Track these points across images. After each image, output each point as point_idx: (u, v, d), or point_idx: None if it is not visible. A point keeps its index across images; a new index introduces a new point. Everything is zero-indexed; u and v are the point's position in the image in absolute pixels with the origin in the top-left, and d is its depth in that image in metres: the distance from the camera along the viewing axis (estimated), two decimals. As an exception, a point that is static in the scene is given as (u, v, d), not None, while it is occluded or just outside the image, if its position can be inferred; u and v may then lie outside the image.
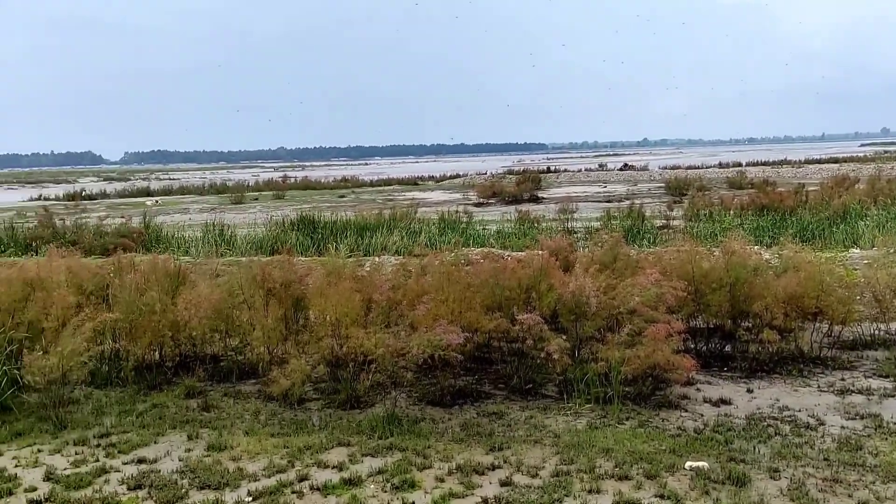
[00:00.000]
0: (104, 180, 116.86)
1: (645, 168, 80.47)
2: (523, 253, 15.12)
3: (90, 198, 64.46)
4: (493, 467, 7.73)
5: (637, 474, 7.43)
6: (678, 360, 9.42)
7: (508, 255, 15.29)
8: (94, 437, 9.04)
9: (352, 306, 10.17)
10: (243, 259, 19.34)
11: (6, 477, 7.94)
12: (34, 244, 25.43)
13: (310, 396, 10.33)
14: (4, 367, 10.28)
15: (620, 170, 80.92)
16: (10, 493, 7.57)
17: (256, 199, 57.57)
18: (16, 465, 8.28)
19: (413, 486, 7.37)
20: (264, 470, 7.85)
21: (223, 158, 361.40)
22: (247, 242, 25.25)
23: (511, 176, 69.00)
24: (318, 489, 7.37)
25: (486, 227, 28.61)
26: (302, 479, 7.60)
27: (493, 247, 21.45)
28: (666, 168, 77.27)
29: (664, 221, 29.80)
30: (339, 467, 7.85)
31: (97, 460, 8.34)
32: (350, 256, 17.76)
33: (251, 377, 11.17)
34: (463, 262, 12.55)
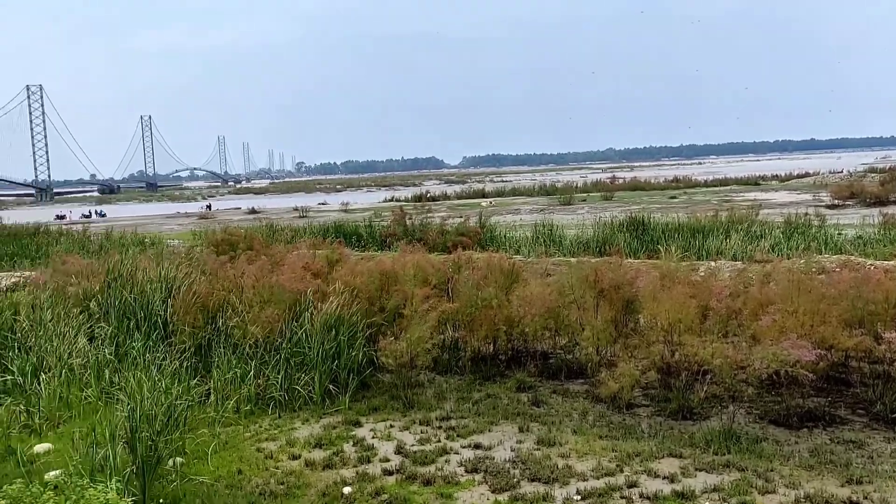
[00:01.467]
0: (445, 183, 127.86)
1: None
2: (891, 262, 13.26)
3: (433, 199, 70.88)
4: (850, 502, 6.91)
5: None
6: None
7: (871, 265, 13.53)
8: (437, 419, 9.93)
9: (686, 312, 9.83)
10: (572, 259, 19.74)
11: (365, 446, 9.10)
12: (388, 240, 28.73)
13: (638, 402, 10.21)
14: (365, 349, 11.79)
15: None
16: (368, 461, 8.66)
17: (584, 199, 58.40)
18: (372, 437, 9.45)
19: (753, 510, 6.89)
20: (593, 471, 7.94)
21: (552, 161, 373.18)
22: (575, 243, 25.73)
23: (873, 174, 60.88)
24: (647, 498, 7.26)
25: (842, 232, 25.64)
26: (631, 485, 7.54)
27: (852, 254, 19.12)
28: None
29: None
30: (671, 479, 7.64)
31: (439, 441, 9.16)
32: (682, 260, 17.15)
33: (579, 377, 11.37)
34: (815, 270, 11.41)
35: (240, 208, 72.91)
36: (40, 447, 9.27)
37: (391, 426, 9.79)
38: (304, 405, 10.69)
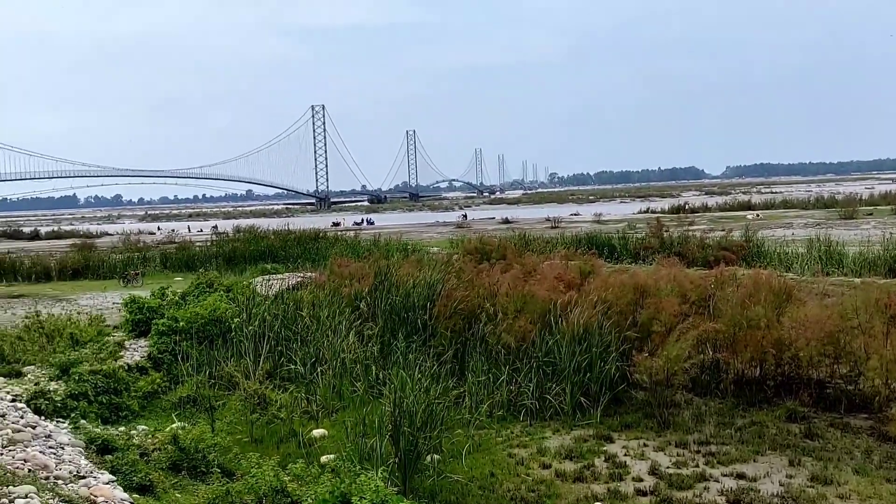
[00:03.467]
0: (705, 194, 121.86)
1: None
2: None
3: (692, 211, 67.90)
4: None
5: None
6: None
7: None
8: (694, 442, 9.48)
9: None
10: (855, 279, 17.86)
11: (617, 463, 8.94)
12: (642, 253, 28.02)
13: (938, 446, 8.94)
14: (617, 363, 11.58)
15: None
16: (620, 479, 8.50)
17: (870, 213, 52.42)
18: (625, 454, 9.26)
19: None
20: (878, 518, 7.11)
21: (831, 170, 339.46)
22: (858, 261, 23.19)
23: None
24: (949, 558, 6.33)
25: None
26: (928, 540, 6.63)
27: None
28: None
29: None
30: (981, 539, 6.59)
31: (697, 466, 8.74)
32: None
33: (862, 410, 10.23)
34: None
35: (493, 218, 75.37)
36: (317, 432, 10.32)
37: (645, 445, 9.53)
38: (554, 415, 10.78)
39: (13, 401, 10.71)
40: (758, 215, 57.75)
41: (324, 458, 8.78)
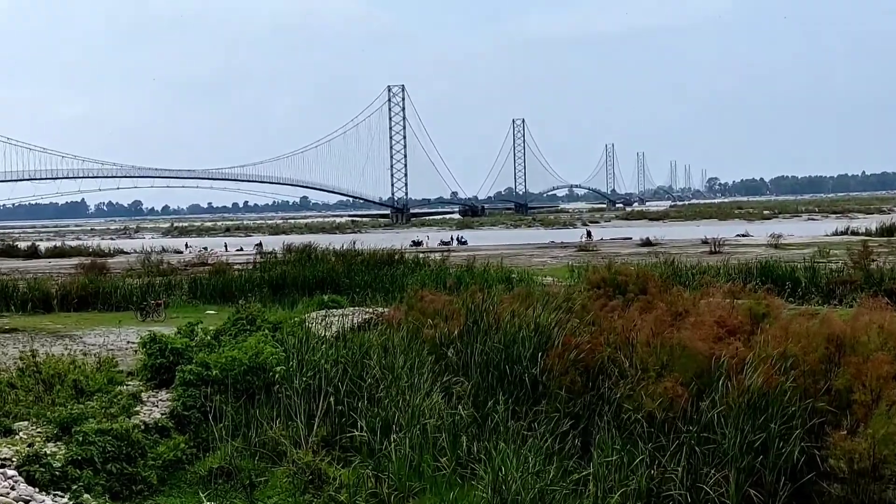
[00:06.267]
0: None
1: None
2: None
3: (910, 232, 65.39)
4: None
5: None
6: None
7: None
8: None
9: None
10: None
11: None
12: (839, 290, 27.17)
13: None
14: (803, 444, 11.22)
15: None
16: None
17: None
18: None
19: None
20: None
21: None
22: None
23: None
24: None
25: None
26: None
27: None
28: None
29: None
30: None
31: None
32: None
33: None
34: None
35: (630, 238, 74.70)
36: (389, 524, 10.40)
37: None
38: (712, 511, 10.57)
39: (2, 466, 11.27)
40: None
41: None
